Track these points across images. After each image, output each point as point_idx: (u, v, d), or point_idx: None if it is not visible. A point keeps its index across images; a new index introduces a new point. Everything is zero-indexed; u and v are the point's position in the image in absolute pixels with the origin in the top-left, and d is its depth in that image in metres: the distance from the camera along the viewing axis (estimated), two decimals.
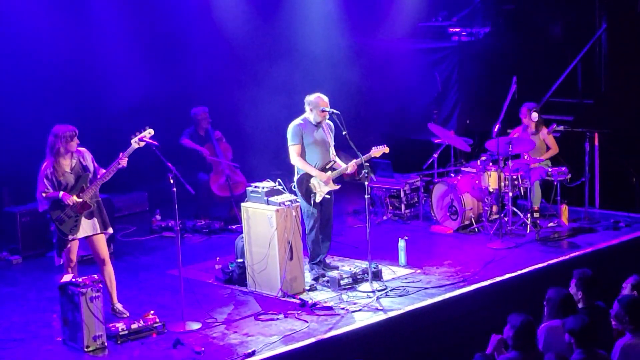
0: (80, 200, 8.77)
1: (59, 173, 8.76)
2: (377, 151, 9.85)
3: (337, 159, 9.84)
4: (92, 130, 11.58)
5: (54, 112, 11.41)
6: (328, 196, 9.74)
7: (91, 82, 12.64)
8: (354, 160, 9.70)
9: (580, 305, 7.73)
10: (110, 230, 9.12)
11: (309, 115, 9.70)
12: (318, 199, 9.67)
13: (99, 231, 8.94)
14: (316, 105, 9.63)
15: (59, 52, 12.25)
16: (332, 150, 9.82)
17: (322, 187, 9.66)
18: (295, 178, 9.71)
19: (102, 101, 12.78)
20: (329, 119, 9.78)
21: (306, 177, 9.65)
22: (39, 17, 11.94)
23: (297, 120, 9.73)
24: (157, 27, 13.13)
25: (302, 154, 9.65)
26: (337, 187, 9.77)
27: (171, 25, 13.25)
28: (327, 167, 9.67)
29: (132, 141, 8.78)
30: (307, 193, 9.64)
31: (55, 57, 12.23)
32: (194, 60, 13.61)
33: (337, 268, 9.90)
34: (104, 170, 8.85)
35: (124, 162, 8.71)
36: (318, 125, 9.69)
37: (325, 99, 9.69)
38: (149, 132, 8.84)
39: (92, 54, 12.55)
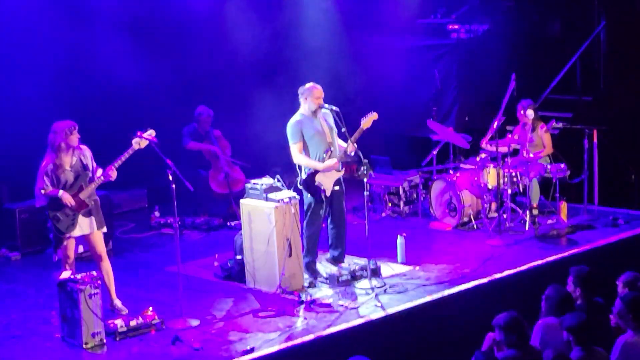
0: (78, 199, 8.77)
1: (59, 170, 8.76)
2: (366, 121, 9.69)
3: (340, 142, 9.80)
4: (91, 128, 11.58)
5: (53, 109, 11.38)
6: (337, 188, 9.72)
7: (91, 80, 12.62)
8: (350, 140, 9.64)
9: (578, 302, 7.75)
10: (104, 229, 9.10)
11: (304, 106, 9.67)
12: (328, 193, 9.65)
13: (95, 230, 8.94)
14: (310, 93, 9.61)
15: (58, 50, 12.22)
16: (335, 136, 9.79)
17: (328, 180, 9.63)
18: (301, 179, 9.68)
19: (102, 99, 12.76)
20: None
21: (311, 177, 9.62)
22: (37, 15, 11.93)
23: (295, 117, 9.70)
24: (159, 25, 13.12)
25: (306, 150, 9.63)
26: (341, 172, 9.75)
27: (174, 22, 13.23)
28: (326, 157, 9.63)
29: (133, 142, 8.77)
30: (317, 191, 9.62)
31: (55, 54, 12.20)
32: (195, 57, 13.60)
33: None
34: (100, 170, 8.85)
35: (113, 174, 8.75)
36: (315, 115, 9.67)
37: (319, 86, 9.69)
38: (149, 134, 8.83)
39: (92, 53, 12.53)
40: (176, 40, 13.32)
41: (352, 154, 9.69)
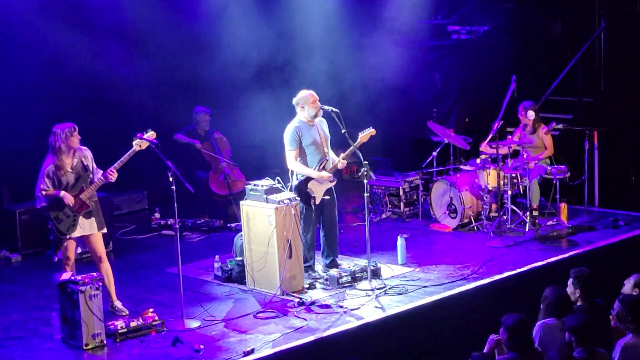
0: (79, 200, 8.77)
1: (60, 172, 8.76)
2: (364, 135, 9.75)
3: (332, 153, 9.83)
4: (93, 130, 11.57)
5: (54, 111, 11.39)
6: (327, 197, 9.74)
7: (91, 82, 12.62)
8: (346, 152, 9.68)
9: (579, 303, 7.75)
10: (104, 230, 9.10)
11: (302, 114, 9.69)
12: (317, 201, 9.67)
13: (95, 231, 8.94)
14: (305, 100, 9.64)
15: (59, 52, 12.20)
16: (329, 146, 9.82)
17: (319, 189, 9.66)
18: (293, 185, 9.70)
19: (102, 101, 12.76)
20: (322, 116, 9.78)
21: (304, 184, 9.64)
22: (35, 16, 11.92)
23: (293, 124, 9.71)
24: (160, 26, 13.11)
25: (301, 157, 9.64)
26: (334, 182, 9.76)
27: (175, 25, 13.23)
28: (320, 167, 9.66)
29: (134, 143, 8.78)
30: (307, 198, 9.64)
31: (56, 56, 12.19)
32: (194, 58, 13.60)
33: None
34: (100, 172, 8.85)
35: (113, 177, 8.74)
36: (313, 122, 9.68)
37: (312, 91, 9.71)
38: (150, 135, 8.84)
39: (92, 55, 12.52)
40: (174, 41, 13.31)
41: (339, 166, 9.75)
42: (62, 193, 8.72)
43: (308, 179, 9.63)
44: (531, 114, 11.76)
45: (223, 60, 13.55)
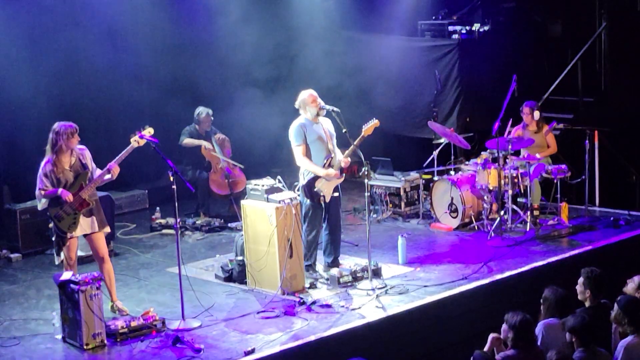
0: (78, 197, 8.77)
1: (58, 170, 8.75)
2: (368, 128, 9.75)
3: (338, 152, 9.83)
4: (91, 129, 11.60)
5: (54, 110, 11.40)
6: (336, 194, 9.73)
7: (90, 81, 12.63)
8: (348, 150, 9.69)
9: (587, 304, 7.73)
10: (108, 230, 9.10)
11: (305, 114, 9.70)
12: (327, 199, 9.66)
13: (97, 230, 8.94)
14: (304, 102, 9.64)
15: (58, 54, 12.20)
16: (335, 143, 9.81)
17: (328, 187, 9.65)
18: (301, 184, 9.69)
19: (101, 100, 12.76)
20: (324, 115, 9.79)
21: (312, 182, 9.63)
22: (34, 17, 11.92)
23: (299, 120, 9.72)
24: (159, 26, 13.12)
25: (307, 154, 9.64)
26: (341, 179, 9.76)
27: (175, 26, 13.22)
28: (327, 164, 9.66)
29: (132, 140, 8.77)
30: (316, 197, 9.63)
31: (55, 58, 12.19)
32: (194, 58, 13.60)
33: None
34: (99, 171, 8.85)
35: (115, 171, 8.74)
36: (317, 120, 9.69)
37: (310, 90, 9.70)
38: (148, 132, 8.83)
39: (90, 51, 12.53)
40: (173, 40, 13.32)
41: (346, 165, 9.75)
42: (60, 190, 8.71)
43: (316, 178, 9.62)
44: (537, 114, 11.77)
45: (222, 59, 13.57)
